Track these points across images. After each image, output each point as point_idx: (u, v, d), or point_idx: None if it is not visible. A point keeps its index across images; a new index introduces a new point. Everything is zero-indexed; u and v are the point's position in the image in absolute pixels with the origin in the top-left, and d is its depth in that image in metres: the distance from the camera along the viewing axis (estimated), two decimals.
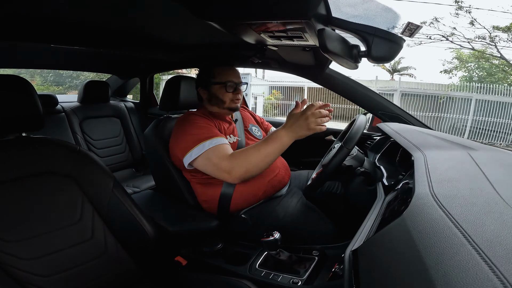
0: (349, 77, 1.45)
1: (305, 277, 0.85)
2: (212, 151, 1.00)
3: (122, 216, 0.91)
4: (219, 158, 0.98)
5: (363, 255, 0.49)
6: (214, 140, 1.02)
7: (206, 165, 1.01)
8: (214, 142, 1.02)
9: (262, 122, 1.45)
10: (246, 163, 0.96)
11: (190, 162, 1.03)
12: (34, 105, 0.81)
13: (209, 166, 1.00)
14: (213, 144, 1.01)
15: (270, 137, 0.98)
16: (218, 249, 0.98)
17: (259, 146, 0.97)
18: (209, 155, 0.99)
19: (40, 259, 0.77)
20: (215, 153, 1.00)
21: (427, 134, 0.99)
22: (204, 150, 1.00)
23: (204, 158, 1.00)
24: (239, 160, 0.97)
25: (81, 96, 2.14)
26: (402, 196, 0.69)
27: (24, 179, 0.80)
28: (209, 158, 1.00)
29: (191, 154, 1.01)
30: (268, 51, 1.25)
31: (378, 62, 0.82)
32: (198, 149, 1.00)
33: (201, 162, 1.01)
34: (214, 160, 0.99)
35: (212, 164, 0.99)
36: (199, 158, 1.01)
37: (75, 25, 1.09)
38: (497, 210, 0.40)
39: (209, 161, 1.00)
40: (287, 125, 0.96)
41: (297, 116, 0.95)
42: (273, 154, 0.97)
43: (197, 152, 1.00)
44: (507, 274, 0.26)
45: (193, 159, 1.01)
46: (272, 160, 0.98)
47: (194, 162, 1.02)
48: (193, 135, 1.04)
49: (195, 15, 0.84)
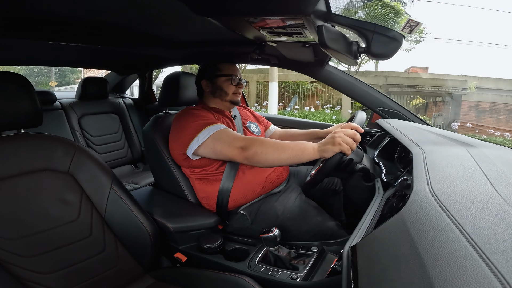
0: (348, 74, 1.45)
1: (304, 273, 0.86)
2: (221, 132, 1.00)
3: (121, 213, 0.91)
4: (232, 137, 0.98)
5: (361, 251, 0.49)
6: (219, 125, 1.03)
7: (216, 144, 0.99)
8: (220, 126, 1.02)
9: (262, 120, 1.45)
10: (260, 147, 0.94)
11: (196, 148, 1.02)
12: (32, 101, 0.81)
13: (219, 145, 0.99)
14: (219, 128, 1.01)
15: (296, 142, 0.97)
16: (217, 246, 0.98)
17: (280, 142, 0.96)
18: (220, 135, 0.99)
19: (39, 256, 0.77)
20: (226, 133, 1.00)
21: (426, 130, 0.99)
22: (211, 133, 1.00)
23: (215, 138, 0.99)
24: (255, 141, 0.96)
25: (79, 93, 2.13)
26: (400, 192, 0.69)
27: (23, 176, 0.79)
28: (220, 137, 0.99)
29: (198, 139, 1.01)
30: (267, 47, 1.25)
31: (377, 59, 0.82)
32: (204, 133, 1.01)
33: (210, 143, 1.00)
34: (226, 139, 0.98)
35: (224, 142, 0.98)
36: (208, 140, 1.00)
37: (73, 22, 1.08)
38: (494, 207, 0.40)
39: (219, 140, 0.99)
40: (321, 141, 0.95)
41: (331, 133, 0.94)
42: (288, 155, 0.93)
43: (204, 135, 1.00)
44: (503, 270, 0.27)
45: (200, 144, 1.01)
46: (285, 161, 0.94)
47: (202, 145, 1.01)
48: (195, 122, 1.04)
49: (194, 11, 0.83)
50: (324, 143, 0.92)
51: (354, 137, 0.90)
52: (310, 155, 0.92)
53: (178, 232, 1.02)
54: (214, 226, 1.06)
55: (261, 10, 0.77)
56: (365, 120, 1.52)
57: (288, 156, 0.93)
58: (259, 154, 0.94)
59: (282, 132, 1.46)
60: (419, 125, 1.14)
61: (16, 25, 1.04)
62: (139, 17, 1.07)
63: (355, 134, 0.91)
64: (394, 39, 0.77)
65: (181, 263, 1.01)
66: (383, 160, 1.12)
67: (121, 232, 0.91)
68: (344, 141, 0.88)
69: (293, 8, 0.72)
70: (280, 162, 0.95)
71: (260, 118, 1.45)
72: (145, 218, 0.94)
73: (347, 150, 0.88)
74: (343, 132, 0.90)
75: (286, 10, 0.74)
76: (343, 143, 0.88)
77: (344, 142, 0.88)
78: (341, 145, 0.88)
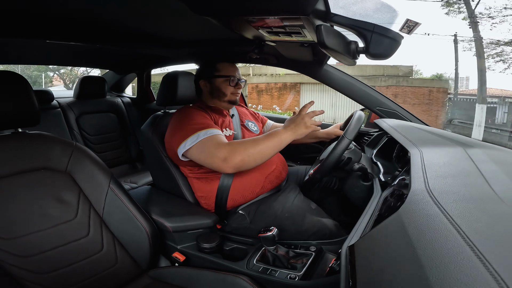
0: (347, 73, 1.45)
1: (302, 272, 0.86)
2: (207, 140, 1.00)
3: (119, 212, 0.91)
4: (214, 147, 0.98)
5: (359, 251, 0.50)
6: (209, 130, 1.03)
7: (200, 153, 1.00)
8: (209, 132, 1.02)
9: (258, 116, 1.46)
10: (243, 152, 0.96)
11: (184, 152, 1.03)
12: (30, 100, 0.80)
13: (203, 154, 0.99)
14: (208, 134, 1.01)
15: (269, 133, 1.01)
16: (215, 245, 0.98)
17: (257, 139, 0.99)
18: (205, 144, 0.99)
19: (36, 256, 0.76)
20: (211, 142, 1.00)
21: (423, 130, 0.99)
22: (199, 139, 1.00)
23: (199, 147, 1.00)
24: (236, 148, 0.96)
25: (77, 92, 2.12)
26: (398, 192, 0.69)
27: (20, 175, 0.79)
28: (204, 146, 0.99)
29: (185, 144, 1.02)
30: (266, 47, 1.24)
31: (376, 59, 0.82)
32: (193, 138, 1.01)
33: (195, 151, 1.01)
34: (210, 148, 0.98)
35: (207, 152, 0.98)
36: (193, 147, 1.00)
37: (71, 21, 1.08)
38: (491, 206, 0.40)
39: (204, 149, 0.99)
40: (286, 125, 1.03)
41: (294, 117, 1.04)
42: (270, 148, 0.98)
43: (192, 141, 1.00)
44: (500, 270, 0.27)
45: (187, 149, 1.01)
46: (269, 155, 0.99)
47: (189, 151, 1.02)
48: (188, 125, 1.04)
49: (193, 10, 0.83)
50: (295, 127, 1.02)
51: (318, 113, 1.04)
52: (288, 140, 1.01)
53: (177, 231, 1.02)
54: (212, 226, 1.06)
55: (260, 10, 0.77)
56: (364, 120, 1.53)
57: (271, 149, 0.99)
58: (246, 159, 0.96)
59: (278, 126, 1.47)
60: (417, 125, 1.14)
61: (14, 24, 1.04)
62: (138, 16, 1.06)
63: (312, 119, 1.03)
64: (393, 39, 0.77)
65: (180, 262, 1.01)
66: (381, 160, 1.13)
67: (119, 232, 0.91)
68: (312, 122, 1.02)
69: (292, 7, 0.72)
70: (267, 157, 1.00)
71: (256, 114, 1.46)
72: (143, 218, 0.94)
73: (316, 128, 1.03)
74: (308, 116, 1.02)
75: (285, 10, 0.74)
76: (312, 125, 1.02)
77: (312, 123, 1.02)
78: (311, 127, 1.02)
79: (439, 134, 0.92)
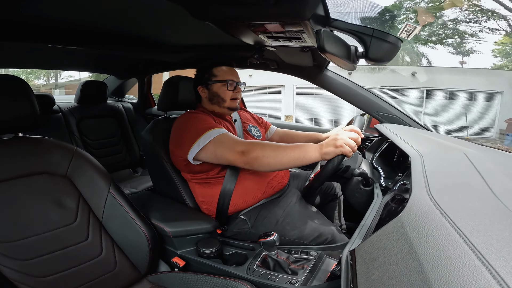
0: (347, 79, 1.46)
1: (303, 277, 0.85)
2: (223, 136, 0.99)
3: (118, 217, 0.91)
4: (232, 141, 0.97)
5: (360, 256, 0.49)
6: (220, 129, 1.02)
7: (216, 148, 0.98)
8: (221, 130, 1.01)
9: (261, 121, 1.45)
10: (260, 151, 0.93)
11: (197, 153, 1.01)
12: (31, 105, 0.81)
13: (220, 149, 0.97)
14: (220, 132, 1.00)
15: (298, 144, 0.95)
16: (215, 250, 0.98)
17: (281, 145, 0.95)
18: (221, 139, 0.98)
19: (34, 259, 0.76)
20: (227, 137, 0.99)
21: (424, 135, 0.99)
22: (212, 137, 0.99)
23: (215, 142, 0.98)
24: (255, 145, 0.95)
25: (78, 96, 2.13)
26: (399, 196, 0.69)
27: (20, 179, 0.79)
28: (221, 142, 0.98)
29: (198, 144, 1.00)
30: (266, 52, 1.25)
31: (375, 63, 0.82)
32: (205, 137, 0.99)
33: (211, 147, 0.99)
34: (228, 143, 0.97)
35: (225, 146, 0.97)
36: (208, 144, 0.99)
37: (73, 26, 1.09)
38: (493, 210, 0.40)
39: (221, 144, 0.97)
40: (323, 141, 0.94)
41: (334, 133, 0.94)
42: (289, 158, 0.91)
43: (205, 140, 0.99)
44: (503, 273, 0.26)
45: (201, 148, 0.99)
46: (286, 164, 0.93)
47: (202, 150, 1.00)
48: (196, 127, 1.03)
49: (193, 16, 0.84)
50: (326, 144, 0.91)
51: (356, 140, 0.90)
52: (312, 157, 0.90)
53: (176, 236, 1.01)
54: (212, 231, 1.05)
55: (260, 15, 0.78)
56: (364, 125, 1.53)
57: (290, 159, 0.91)
58: (261, 158, 0.93)
59: (282, 132, 1.45)
60: (417, 130, 1.14)
61: (16, 28, 1.05)
62: (139, 21, 1.07)
63: (357, 137, 0.91)
64: (392, 44, 0.77)
65: (179, 267, 1.00)
66: (382, 165, 1.12)
67: (119, 237, 0.90)
68: (346, 143, 0.88)
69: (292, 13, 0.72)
70: (282, 165, 0.93)
71: (260, 119, 1.45)
72: (143, 223, 0.93)
73: (349, 153, 0.88)
74: (345, 134, 0.90)
75: (285, 15, 0.75)
76: (345, 145, 0.88)
77: (346, 144, 0.88)
78: (343, 147, 0.88)
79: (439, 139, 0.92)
